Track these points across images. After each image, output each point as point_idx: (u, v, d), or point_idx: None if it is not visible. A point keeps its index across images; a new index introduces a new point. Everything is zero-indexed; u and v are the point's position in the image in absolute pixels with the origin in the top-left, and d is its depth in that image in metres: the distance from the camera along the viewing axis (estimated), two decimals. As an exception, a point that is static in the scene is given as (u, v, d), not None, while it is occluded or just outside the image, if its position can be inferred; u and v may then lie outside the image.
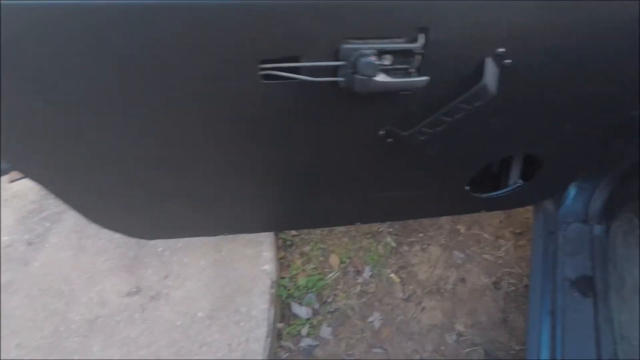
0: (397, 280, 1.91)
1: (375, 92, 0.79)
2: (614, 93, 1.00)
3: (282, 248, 2.00)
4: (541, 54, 0.86)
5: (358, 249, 2.02)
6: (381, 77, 0.75)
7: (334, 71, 0.80)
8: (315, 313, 1.79)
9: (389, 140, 1.00)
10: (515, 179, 1.38)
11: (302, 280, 1.85)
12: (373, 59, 0.73)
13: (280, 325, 1.73)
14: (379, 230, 2.10)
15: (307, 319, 1.75)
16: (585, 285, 1.31)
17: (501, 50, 0.81)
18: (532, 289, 1.41)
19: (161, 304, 1.68)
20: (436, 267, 1.96)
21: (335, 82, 0.81)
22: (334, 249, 2.02)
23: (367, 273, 1.93)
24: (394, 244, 2.04)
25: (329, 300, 1.83)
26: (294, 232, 2.07)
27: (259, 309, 1.64)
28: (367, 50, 0.74)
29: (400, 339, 1.72)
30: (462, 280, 1.91)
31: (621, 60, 0.91)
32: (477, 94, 0.82)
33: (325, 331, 1.73)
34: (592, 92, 0.98)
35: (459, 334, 1.72)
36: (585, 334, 1.22)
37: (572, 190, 1.52)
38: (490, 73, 0.81)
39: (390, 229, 2.11)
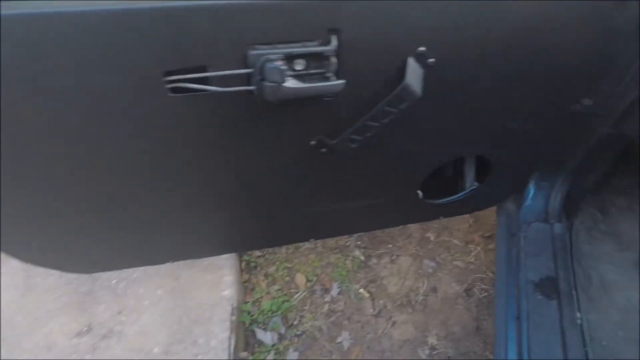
0: (367, 295, 1.83)
1: (288, 100, 0.73)
2: (551, 88, 0.98)
3: (246, 270, 1.92)
4: (468, 51, 0.82)
5: (325, 265, 1.95)
6: (291, 83, 0.70)
7: (248, 79, 0.75)
8: (281, 338, 1.69)
9: (323, 150, 0.95)
10: (470, 182, 1.34)
11: (266, 304, 1.76)
12: (279, 64, 0.68)
13: (243, 354, 1.63)
14: (347, 244, 2.03)
15: (273, 345, 1.66)
16: (549, 287, 1.26)
17: (422, 49, 0.77)
18: (498, 295, 1.36)
19: (114, 342, 1.56)
20: (406, 279, 1.90)
21: (251, 91, 0.76)
22: (300, 267, 1.94)
23: (335, 290, 1.85)
24: (362, 258, 1.98)
25: (295, 322, 1.74)
26: (258, 253, 1.99)
27: (219, 338, 1.54)
28: (273, 55, 0.69)
29: (372, 357, 1.64)
30: (434, 289, 1.85)
31: (555, 55, 0.89)
32: (400, 96, 0.78)
33: (292, 356, 1.63)
34: (528, 88, 0.95)
35: (432, 348, 1.65)
36: (552, 338, 1.16)
37: (531, 189, 1.49)
38: (413, 74, 0.77)
39: (359, 242, 2.05)
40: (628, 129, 1.11)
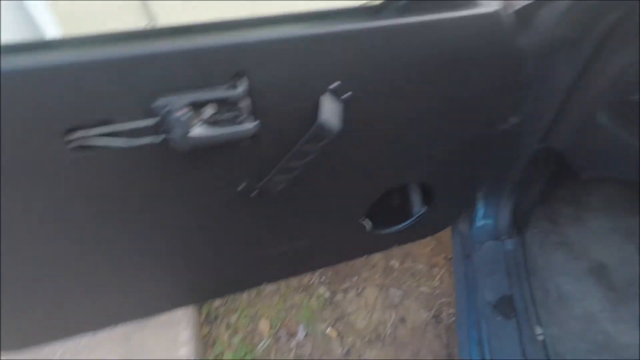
0: (335, 334, 1.76)
1: (198, 148, 0.70)
2: (475, 111, 1.00)
3: (206, 323, 1.81)
4: (384, 83, 0.83)
5: (290, 307, 1.87)
6: (198, 132, 0.67)
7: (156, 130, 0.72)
8: (247, 393, 1.58)
9: (253, 194, 0.91)
10: (417, 208, 1.33)
11: (228, 357, 1.65)
12: (183, 113, 0.65)
13: (205, 417, 1.50)
14: (310, 282, 1.97)
15: (238, 403, 1.54)
16: (506, 306, 1.24)
17: (336, 84, 0.77)
18: (459, 321, 1.33)
19: None
20: (374, 311, 1.84)
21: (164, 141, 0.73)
22: (264, 311, 1.85)
23: (301, 333, 1.77)
24: (327, 295, 1.91)
25: (261, 374, 1.63)
26: (218, 302, 1.89)
27: (176, 404, 1.42)
28: (178, 104, 0.67)
29: (344, 403, 1.55)
30: (402, 320, 1.80)
31: (472, 81, 0.91)
32: (317, 134, 0.76)
33: (259, 413, 1.52)
34: (452, 113, 0.97)
35: (405, 383, 1.58)
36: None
37: (480, 209, 1.50)
38: (328, 110, 0.76)
39: (323, 278, 1.99)
40: (553, 143, 1.14)
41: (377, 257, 2.07)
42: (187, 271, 1.12)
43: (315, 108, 0.78)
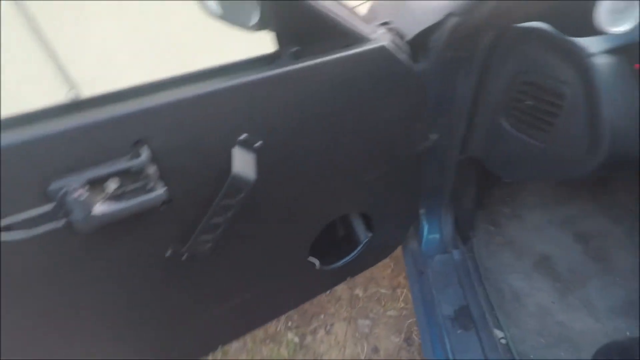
0: (309, 380, 1.69)
1: (105, 225, 0.67)
2: (394, 135, 1.04)
3: (172, 399, 1.67)
4: (293, 125, 0.85)
5: (259, 361, 1.78)
6: (101, 209, 0.64)
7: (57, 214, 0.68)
8: None
9: (184, 257, 0.88)
10: (363, 235, 1.34)
11: None
12: (78, 194, 0.62)
13: None
14: (277, 330, 1.90)
15: None
16: (464, 317, 1.26)
17: (244, 136, 0.78)
18: (422, 340, 1.32)
19: None
20: (346, 347, 1.79)
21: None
22: (233, 373, 1.75)
23: (274, 387, 1.68)
24: (296, 340, 1.85)
25: None
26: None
27: None
28: (73, 184, 0.63)
29: None
30: (375, 350, 1.76)
31: (380, 108, 0.95)
32: (234, 186, 0.76)
33: None
34: (370, 141, 1.00)
35: (387, 416, 1.53)
36: (481, 371, 1.13)
37: (424, 225, 1.54)
38: (240, 162, 0.76)
39: (289, 323, 1.92)
40: (471, 152, 1.21)
41: (341, 289, 2.04)
42: (135, 351, 1.04)
43: (229, 162, 0.77)
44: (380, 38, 0.88)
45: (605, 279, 1.43)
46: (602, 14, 0.80)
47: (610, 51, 0.77)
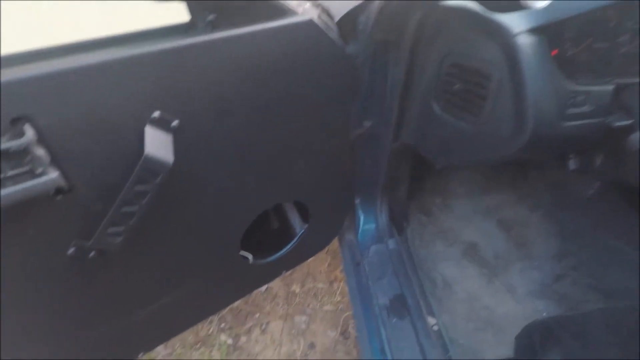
0: (243, 383, 1.60)
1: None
2: (322, 118, 0.99)
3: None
4: (213, 102, 0.76)
5: (188, 367, 1.66)
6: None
7: None
8: None
9: (91, 255, 0.76)
10: (299, 226, 1.29)
11: None
12: None
13: None
14: (209, 332, 1.78)
15: None
16: (399, 306, 1.26)
17: (157, 114, 0.68)
18: (359, 331, 1.31)
19: None
20: (282, 345, 1.73)
21: None
22: (159, 382, 1.60)
23: (205, 393, 1.57)
24: (230, 341, 1.75)
25: None
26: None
27: None
28: None
29: None
30: (311, 346, 1.72)
31: (308, 89, 0.90)
32: (148, 170, 0.66)
33: None
34: (297, 123, 0.94)
35: (324, 413, 1.50)
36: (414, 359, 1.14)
37: (360, 215, 1.52)
38: (154, 142, 0.67)
39: (222, 325, 1.81)
40: (405, 139, 1.21)
41: (278, 286, 1.98)
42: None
43: (140, 144, 0.67)
44: (307, 12, 0.83)
45: (525, 263, 1.52)
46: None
47: (533, 30, 0.79)
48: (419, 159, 1.50)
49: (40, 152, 0.58)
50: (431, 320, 1.30)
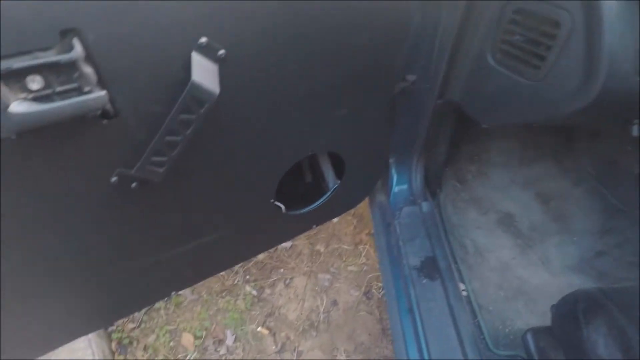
0: (266, 332, 1.64)
1: (28, 130, 0.53)
2: (369, 69, 0.94)
3: (119, 351, 1.57)
4: (264, 41, 0.72)
5: (214, 314, 1.71)
6: (20, 108, 0.51)
7: None
8: (174, 418, 1.40)
9: (133, 185, 0.75)
10: (332, 182, 1.26)
11: (147, 384, 1.45)
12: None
13: None
14: (235, 282, 1.82)
15: None
16: (430, 268, 1.24)
17: (204, 40, 0.65)
18: (386, 291, 1.30)
19: None
20: (305, 300, 1.76)
21: None
22: (186, 325, 1.66)
23: (229, 339, 1.62)
24: (254, 292, 1.78)
25: (188, 393, 1.46)
26: (131, 325, 1.66)
27: None
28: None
29: (284, 402, 1.45)
30: (334, 303, 1.74)
31: (360, 37, 0.84)
32: (194, 97, 0.64)
33: None
34: (346, 72, 0.89)
35: (344, 366, 1.53)
36: (444, 320, 1.12)
37: (394, 176, 1.49)
38: (200, 70, 0.64)
39: (247, 277, 1.85)
40: (450, 96, 1.15)
41: (302, 245, 1.99)
42: (72, 294, 0.91)
43: (186, 70, 0.65)
44: None
45: (563, 237, 1.46)
46: None
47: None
48: (459, 121, 1.43)
49: (88, 69, 0.57)
50: (460, 286, 1.28)
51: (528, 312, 1.23)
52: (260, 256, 1.92)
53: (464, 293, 1.28)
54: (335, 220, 2.10)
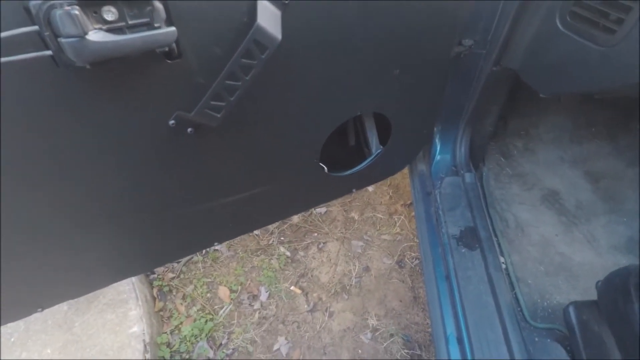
0: (299, 291, 1.69)
1: (101, 59, 0.55)
2: (428, 31, 0.91)
3: (159, 297, 1.67)
4: None
5: (249, 270, 1.77)
6: (97, 36, 0.52)
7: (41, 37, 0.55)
8: (211, 362, 1.49)
9: (189, 130, 0.78)
10: (376, 146, 1.25)
11: (186, 329, 1.53)
12: (70, 7, 0.50)
13: (167, 394, 1.40)
14: (269, 242, 1.87)
15: (202, 374, 1.45)
16: (470, 237, 1.22)
17: None
18: (424, 258, 1.30)
19: None
20: (337, 264, 1.79)
21: (53, 58, 0.57)
22: (222, 279, 1.74)
23: (263, 295, 1.68)
24: (288, 253, 1.83)
25: (224, 341, 1.54)
26: (171, 275, 1.75)
27: (132, 385, 1.30)
28: (62, 0, 0.50)
29: (313, 357, 1.50)
30: (366, 269, 1.77)
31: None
32: (255, 43, 0.64)
33: (226, 380, 1.44)
34: (405, 32, 0.87)
35: (374, 329, 1.56)
36: (481, 289, 1.12)
37: (437, 145, 1.46)
38: (266, 15, 0.64)
39: (282, 238, 1.90)
40: (508, 63, 1.09)
41: (337, 211, 2.01)
42: (119, 235, 0.96)
43: (250, 15, 0.65)
44: None
45: (612, 217, 1.40)
46: None
47: None
48: (511, 92, 1.37)
49: (159, 5, 0.58)
50: (499, 258, 1.26)
51: (569, 287, 1.20)
52: (295, 219, 1.96)
53: (503, 266, 1.26)
54: (370, 189, 2.10)
